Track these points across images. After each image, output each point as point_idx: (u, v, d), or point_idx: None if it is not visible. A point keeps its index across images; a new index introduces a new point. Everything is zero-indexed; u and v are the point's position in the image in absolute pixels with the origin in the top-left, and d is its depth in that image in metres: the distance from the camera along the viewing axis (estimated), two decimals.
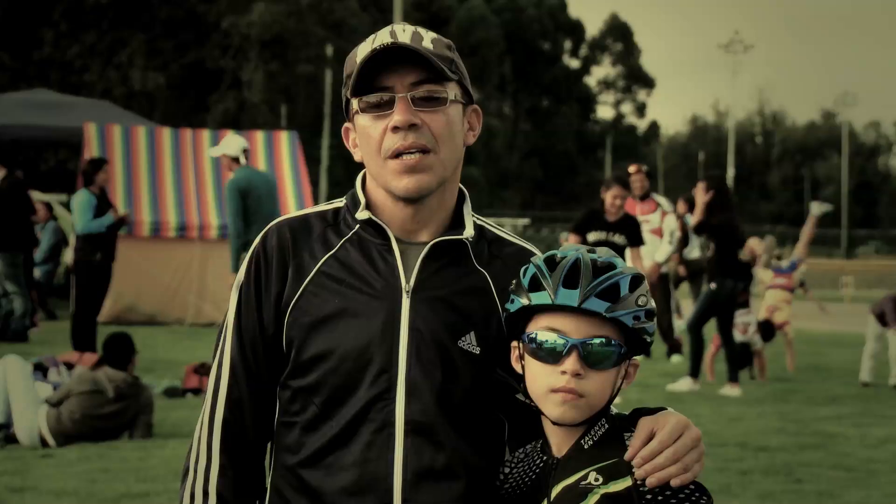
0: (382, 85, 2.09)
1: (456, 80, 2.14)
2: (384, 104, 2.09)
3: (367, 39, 2.15)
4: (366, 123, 2.12)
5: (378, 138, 2.10)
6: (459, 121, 2.16)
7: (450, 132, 2.13)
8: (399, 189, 2.10)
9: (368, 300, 2.11)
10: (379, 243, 2.15)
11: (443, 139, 2.11)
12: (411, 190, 2.10)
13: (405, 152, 2.08)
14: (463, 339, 2.11)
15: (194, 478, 2.16)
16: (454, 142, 2.14)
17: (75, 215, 11.59)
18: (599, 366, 2.01)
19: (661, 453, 1.95)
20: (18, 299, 13.36)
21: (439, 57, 2.10)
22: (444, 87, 2.12)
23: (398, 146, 2.08)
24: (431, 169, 2.10)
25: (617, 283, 2.02)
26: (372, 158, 2.13)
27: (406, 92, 2.09)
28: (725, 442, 8.26)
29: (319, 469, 2.10)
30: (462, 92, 2.17)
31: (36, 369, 8.71)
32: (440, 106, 2.11)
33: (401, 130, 2.08)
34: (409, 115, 2.07)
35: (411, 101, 2.08)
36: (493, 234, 2.25)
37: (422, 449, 2.07)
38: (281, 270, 2.15)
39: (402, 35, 2.11)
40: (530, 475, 2.09)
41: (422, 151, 2.09)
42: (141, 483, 6.57)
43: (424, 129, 2.09)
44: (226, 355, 2.18)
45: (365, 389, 2.08)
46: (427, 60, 2.07)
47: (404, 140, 2.08)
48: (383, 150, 2.10)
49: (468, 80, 2.22)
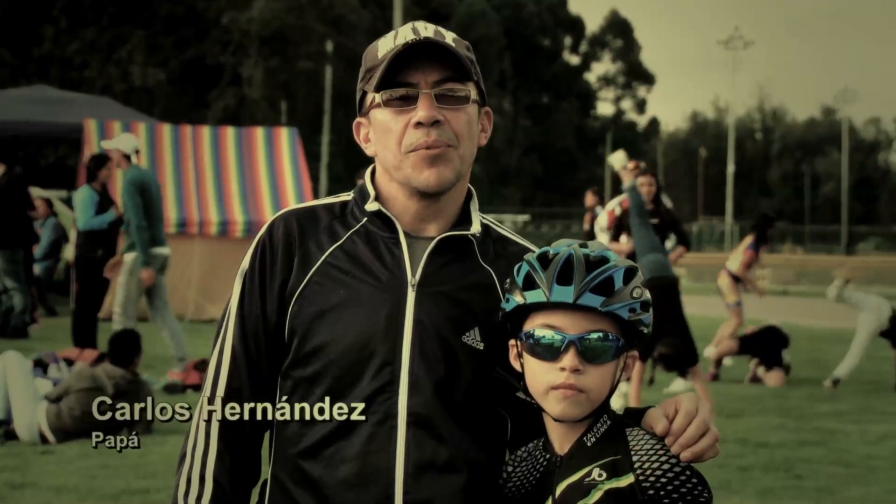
0: (406, 80, 2.11)
1: (475, 80, 2.16)
2: (408, 99, 2.11)
3: (388, 35, 2.17)
4: (386, 118, 2.13)
5: (399, 133, 2.11)
6: (476, 121, 2.19)
7: (469, 131, 2.15)
8: (420, 181, 2.11)
9: (373, 292, 2.12)
10: (386, 236, 2.16)
11: (463, 137, 2.13)
12: (432, 183, 2.11)
13: (427, 148, 2.10)
14: (467, 335, 2.12)
15: (191, 463, 2.16)
16: (472, 141, 2.17)
17: (77, 212, 11.60)
18: (598, 360, 2.01)
19: (689, 426, 1.98)
20: (18, 295, 13.37)
21: (462, 56, 2.12)
22: (465, 86, 2.14)
23: (421, 142, 2.10)
24: (452, 163, 2.12)
25: (611, 277, 2.02)
26: (390, 152, 2.14)
27: (430, 89, 2.10)
28: (725, 438, 8.26)
29: (320, 461, 2.10)
30: (478, 92, 2.19)
31: (36, 365, 8.71)
32: (462, 104, 2.13)
33: (424, 127, 2.09)
34: (433, 112, 2.09)
35: (434, 99, 2.10)
36: (498, 233, 2.27)
37: (423, 442, 2.07)
38: (286, 260, 2.16)
39: (424, 31, 2.13)
40: (534, 474, 2.09)
41: (444, 146, 2.11)
42: (140, 479, 6.57)
43: (446, 127, 2.11)
44: (227, 343, 2.19)
45: (367, 382, 2.09)
46: (453, 58, 2.10)
47: (427, 136, 2.10)
48: (404, 146, 2.11)
49: (483, 82, 2.24)
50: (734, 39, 74.94)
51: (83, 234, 11.46)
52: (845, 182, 76.10)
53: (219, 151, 16.85)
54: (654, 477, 1.95)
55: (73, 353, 9.73)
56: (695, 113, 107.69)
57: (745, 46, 75.47)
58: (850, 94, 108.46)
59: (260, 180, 16.80)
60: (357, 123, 2.23)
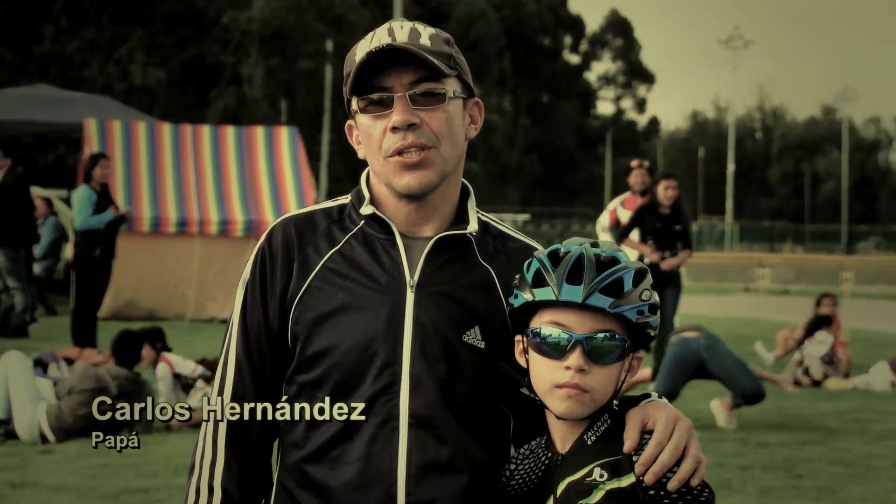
0: (381, 84, 2.10)
1: (455, 75, 2.14)
2: (383, 104, 2.10)
3: (367, 37, 2.15)
4: (366, 123, 2.13)
5: (379, 138, 2.11)
6: (460, 116, 2.16)
7: (450, 129, 2.13)
8: (401, 186, 2.11)
9: (373, 295, 2.11)
10: (383, 238, 2.16)
11: (443, 136, 2.12)
12: (413, 187, 2.11)
13: (405, 150, 2.09)
14: (467, 334, 2.11)
15: (199, 473, 2.17)
16: (455, 138, 2.15)
17: (75, 211, 11.60)
18: (603, 361, 2.01)
19: (660, 454, 1.95)
20: (19, 294, 13.36)
21: (437, 53, 2.10)
22: (442, 83, 2.12)
23: (398, 145, 2.09)
24: (433, 165, 2.11)
25: (621, 279, 2.02)
26: (373, 157, 2.14)
27: (404, 91, 2.09)
28: (725, 437, 8.27)
29: (324, 464, 2.11)
30: (462, 86, 2.17)
31: (36, 365, 8.70)
32: (439, 104, 2.11)
33: (400, 130, 2.09)
34: (407, 115, 2.08)
35: (410, 100, 2.09)
36: (497, 229, 2.26)
37: (426, 443, 2.07)
38: (286, 266, 2.16)
39: (399, 33, 2.11)
40: (536, 472, 2.09)
41: (421, 149, 2.09)
42: (141, 478, 6.57)
43: (424, 128, 2.10)
44: (231, 353, 2.19)
45: (369, 384, 2.09)
46: (423, 60, 2.07)
47: (404, 140, 2.09)
48: (383, 150, 2.11)
49: (468, 74, 2.22)
50: (734, 38, 74.95)
51: (81, 234, 11.46)
52: (845, 181, 76.11)
53: (219, 151, 16.85)
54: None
55: (73, 353, 9.71)
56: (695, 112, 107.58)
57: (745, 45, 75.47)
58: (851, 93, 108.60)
59: (260, 180, 16.80)
60: (348, 126, 2.23)
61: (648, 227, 10.37)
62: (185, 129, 17.16)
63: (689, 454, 1.96)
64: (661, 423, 1.98)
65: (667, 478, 1.95)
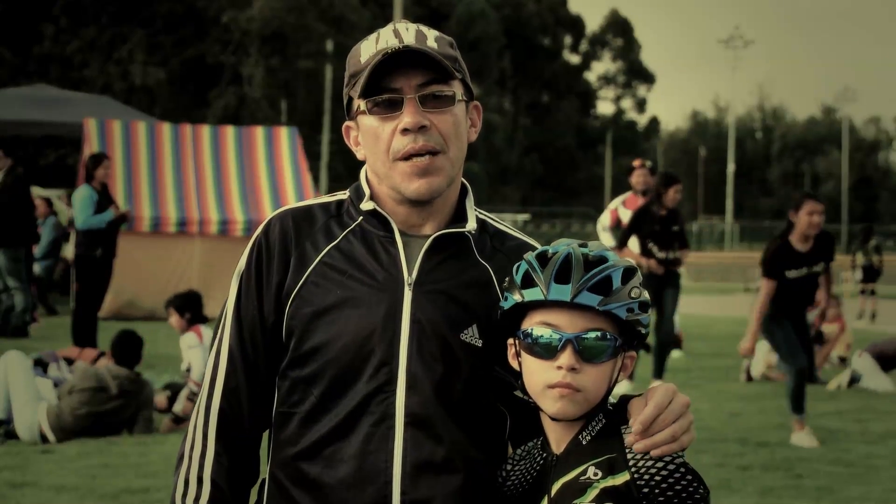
0: (390, 86, 2.09)
1: (460, 78, 2.14)
2: (391, 105, 2.09)
3: (370, 38, 2.14)
4: (373, 124, 2.12)
5: (387, 140, 2.10)
6: (464, 119, 2.17)
7: (457, 132, 2.13)
8: (410, 192, 2.10)
9: (370, 292, 2.11)
10: (382, 235, 2.15)
11: (451, 139, 2.11)
12: (423, 193, 2.10)
13: (416, 154, 2.08)
14: (465, 332, 2.11)
15: (188, 464, 2.16)
16: (461, 140, 2.15)
17: (76, 211, 11.59)
18: (595, 359, 2.01)
19: (657, 417, 1.96)
20: (19, 294, 13.36)
21: (444, 56, 2.10)
22: (450, 86, 2.12)
23: (409, 149, 2.08)
24: (441, 170, 2.10)
25: (609, 277, 2.02)
26: (379, 159, 2.12)
27: (414, 93, 2.08)
28: (725, 437, 8.27)
29: (318, 461, 2.10)
30: (464, 89, 2.17)
31: (36, 364, 8.70)
32: (448, 106, 2.11)
33: (410, 133, 2.08)
34: (418, 118, 2.07)
35: (420, 102, 2.08)
36: (495, 228, 2.26)
37: (421, 442, 2.07)
38: (283, 260, 2.15)
39: (406, 35, 2.11)
40: (532, 473, 2.09)
41: (431, 153, 2.09)
42: (141, 478, 6.57)
43: (433, 131, 2.09)
44: (224, 344, 2.18)
45: (365, 381, 2.08)
46: (434, 62, 2.07)
47: (414, 142, 2.08)
48: (392, 152, 2.10)
49: (468, 77, 2.22)
50: (734, 38, 75.06)
51: (82, 234, 11.46)
52: (845, 181, 76.15)
53: (219, 150, 16.85)
54: (648, 475, 1.95)
55: (74, 353, 9.72)
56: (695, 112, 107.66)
57: (745, 45, 75.52)
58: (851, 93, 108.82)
59: (260, 179, 16.80)
60: (346, 127, 2.22)
61: (647, 230, 10.47)
62: (185, 129, 17.16)
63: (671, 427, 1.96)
64: (660, 391, 2.00)
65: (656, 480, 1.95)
